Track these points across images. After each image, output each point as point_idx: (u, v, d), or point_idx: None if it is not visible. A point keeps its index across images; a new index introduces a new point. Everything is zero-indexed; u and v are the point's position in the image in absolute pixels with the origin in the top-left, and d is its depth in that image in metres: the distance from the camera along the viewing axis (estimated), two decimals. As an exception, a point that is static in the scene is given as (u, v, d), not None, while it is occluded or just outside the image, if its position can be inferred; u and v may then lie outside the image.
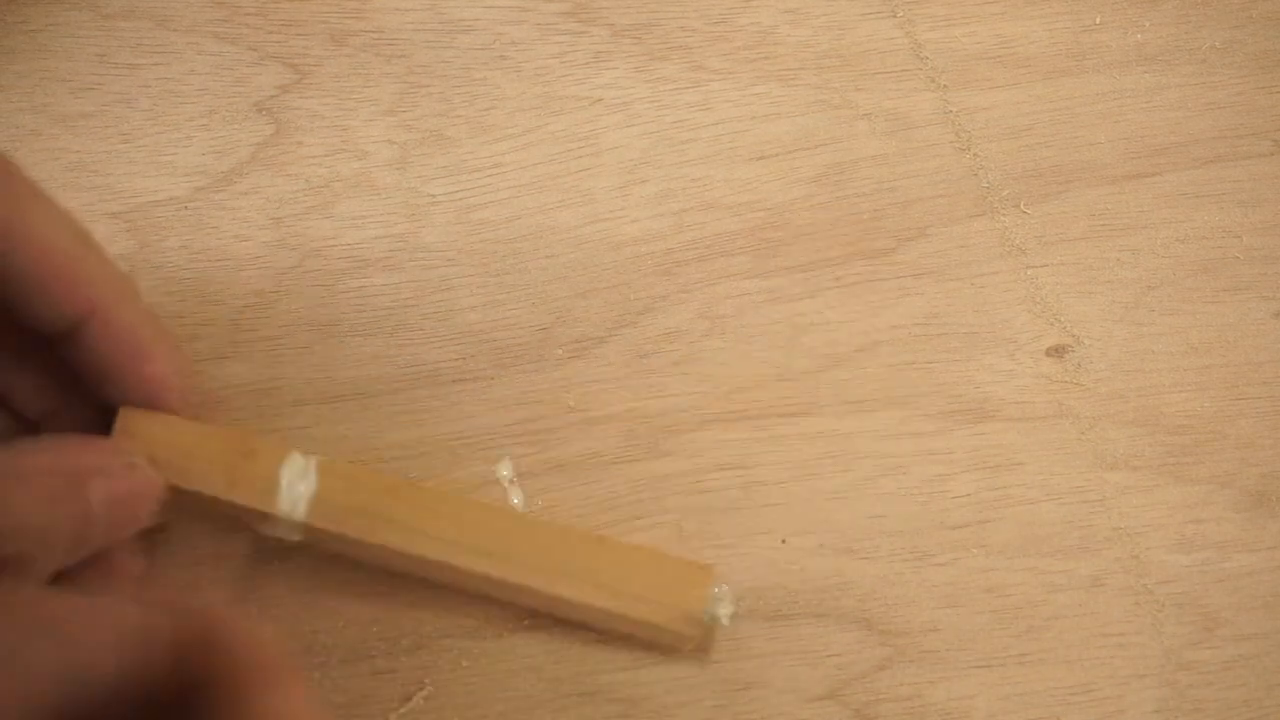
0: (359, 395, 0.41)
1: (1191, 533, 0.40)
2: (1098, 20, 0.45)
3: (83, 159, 0.43)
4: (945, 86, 0.44)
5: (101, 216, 0.42)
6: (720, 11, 0.44)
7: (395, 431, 0.40)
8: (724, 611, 0.38)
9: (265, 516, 0.36)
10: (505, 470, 0.40)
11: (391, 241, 0.42)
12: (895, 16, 0.45)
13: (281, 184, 0.42)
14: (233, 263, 0.42)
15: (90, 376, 0.35)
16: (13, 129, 0.43)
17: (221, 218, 0.42)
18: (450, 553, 0.36)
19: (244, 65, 0.43)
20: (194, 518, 0.39)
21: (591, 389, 0.41)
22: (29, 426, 0.37)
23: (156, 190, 0.43)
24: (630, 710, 0.38)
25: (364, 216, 0.42)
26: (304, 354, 0.41)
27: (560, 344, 0.41)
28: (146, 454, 0.35)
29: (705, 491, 0.40)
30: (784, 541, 0.40)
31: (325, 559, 0.39)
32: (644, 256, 0.42)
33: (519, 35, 0.44)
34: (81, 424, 0.36)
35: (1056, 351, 0.42)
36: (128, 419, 0.36)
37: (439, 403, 0.41)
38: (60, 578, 0.33)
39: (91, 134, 0.43)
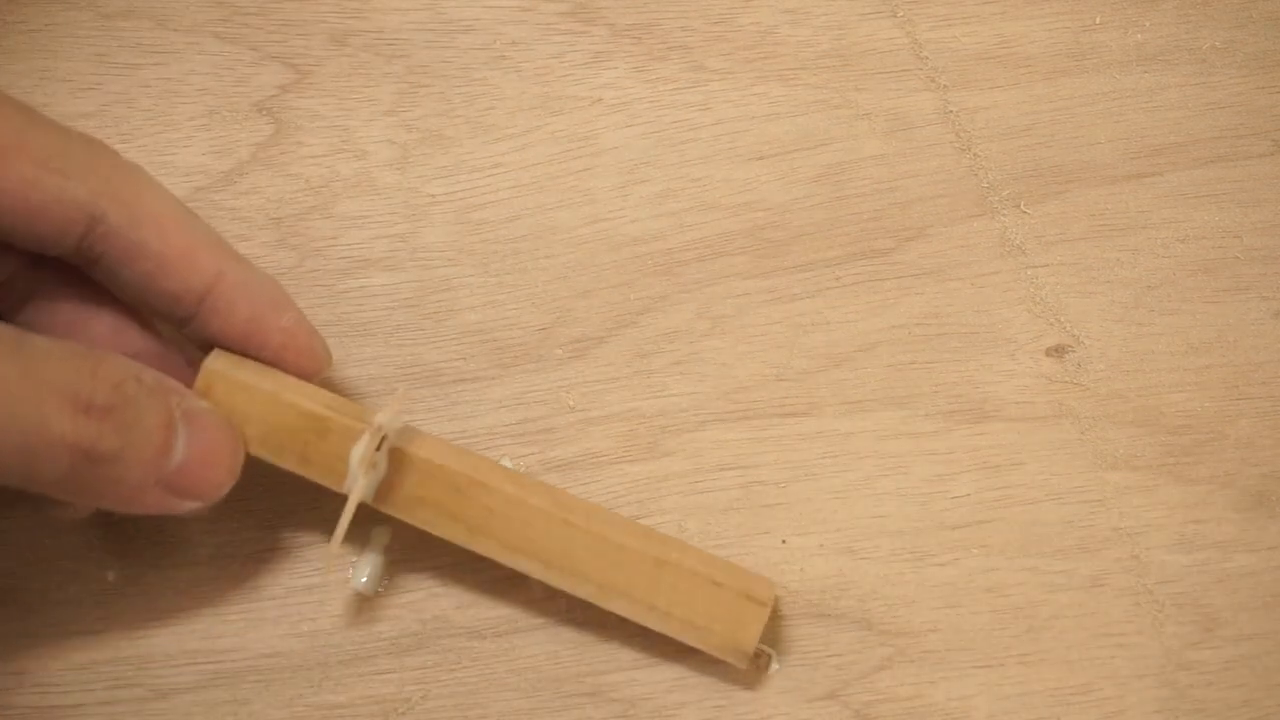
0: (359, 395, 0.41)
1: (1191, 533, 0.40)
2: (1098, 20, 0.45)
3: (83, 159, 0.43)
4: (945, 86, 0.44)
5: (101, 216, 0.42)
6: (720, 11, 0.44)
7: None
8: (774, 667, 0.38)
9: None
10: (505, 470, 0.40)
11: (391, 241, 0.42)
12: (895, 16, 0.45)
13: (281, 184, 0.42)
14: (233, 263, 0.42)
15: (224, 341, 0.36)
16: (13, 129, 0.43)
17: (221, 218, 0.42)
18: (509, 557, 0.36)
19: (244, 65, 0.43)
20: (195, 520, 0.39)
21: (591, 389, 0.41)
22: None
23: (156, 190, 0.43)
24: (630, 710, 0.38)
25: (364, 216, 0.42)
26: (304, 354, 0.41)
27: (560, 344, 0.41)
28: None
29: (705, 491, 0.40)
30: (784, 541, 0.40)
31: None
32: (644, 256, 0.42)
33: (519, 35, 0.44)
34: None
35: (1056, 351, 0.42)
36: (209, 383, 0.36)
37: (439, 403, 0.41)
38: None
39: (91, 134, 0.43)
